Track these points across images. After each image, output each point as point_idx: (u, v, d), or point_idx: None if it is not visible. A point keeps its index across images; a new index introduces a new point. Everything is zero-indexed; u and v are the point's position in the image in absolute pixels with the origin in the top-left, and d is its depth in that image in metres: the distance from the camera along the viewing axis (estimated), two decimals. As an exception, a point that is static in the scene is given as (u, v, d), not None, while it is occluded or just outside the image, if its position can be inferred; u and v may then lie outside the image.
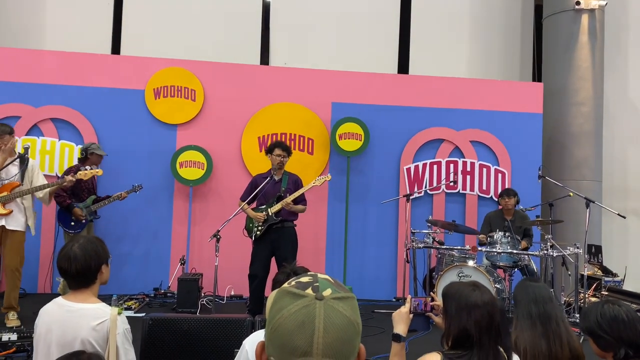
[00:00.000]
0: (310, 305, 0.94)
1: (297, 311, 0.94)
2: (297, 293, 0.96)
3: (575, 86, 7.60)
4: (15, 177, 4.81)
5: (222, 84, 6.89)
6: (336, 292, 0.97)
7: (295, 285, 0.99)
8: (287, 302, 0.96)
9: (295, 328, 0.92)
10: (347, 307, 0.96)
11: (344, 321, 0.94)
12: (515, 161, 7.22)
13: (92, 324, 2.22)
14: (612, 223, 7.87)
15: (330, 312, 0.94)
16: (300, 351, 0.91)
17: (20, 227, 4.83)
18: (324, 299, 0.95)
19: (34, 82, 6.53)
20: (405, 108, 7.12)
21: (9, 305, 4.82)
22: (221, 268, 5.41)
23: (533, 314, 2.54)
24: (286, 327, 0.93)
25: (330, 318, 0.93)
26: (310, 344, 0.91)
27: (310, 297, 0.95)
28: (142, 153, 6.67)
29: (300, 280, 1.01)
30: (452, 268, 5.39)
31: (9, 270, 4.83)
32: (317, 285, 0.97)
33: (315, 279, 1.00)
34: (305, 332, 0.92)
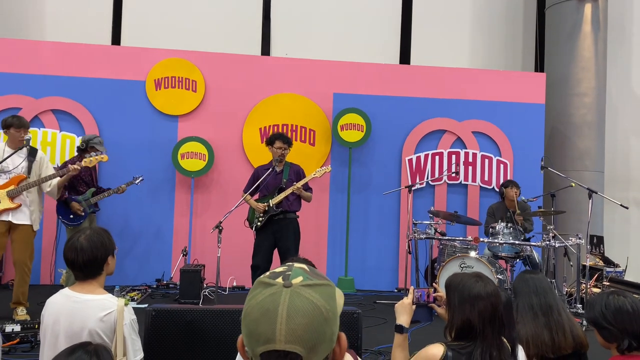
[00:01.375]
0: (276, 292, 0.93)
1: (263, 299, 0.93)
2: (268, 282, 0.96)
3: (577, 76, 7.56)
4: (22, 170, 4.73)
5: (223, 74, 6.86)
6: (308, 280, 0.96)
7: (269, 275, 0.98)
8: (258, 291, 0.95)
9: (260, 315, 0.92)
10: (315, 293, 0.94)
11: (308, 307, 0.92)
12: (518, 152, 7.20)
13: (100, 315, 2.24)
14: (614, 213, 7.86)
15: (295, 298, 0.92)
16: (264, 338, 0.91)
17: (28, 220, 4.72)
18: (292, 287, 0.93)
19: (35, 73, 6.51)
20: (407, 99, 7.10)
21: (18, 300, 4.74)
22: (223, 259, 5.41)
23: (534, 305, 2.55)
24: (253, 315, 0.93)
25: (295, 304, 0.91)
26: (273, 330, 0.90)
27: (279, 285, 0.94)
28: (143, 144, 6.66)
29: (275, 270, 1.00)
30: (454, 259, 5.39)
31: (18, 265, 4.72)
32: (288, 274, 0.96)
33: (289, 269, 0.99)
34: (268, 319, 0.91)
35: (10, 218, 4.66)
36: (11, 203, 4.65)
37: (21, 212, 4.70)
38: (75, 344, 1.64)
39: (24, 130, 4.72)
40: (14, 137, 4.70)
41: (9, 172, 4.69)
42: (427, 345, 1.97)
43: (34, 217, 4.77)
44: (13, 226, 4.69)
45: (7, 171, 4.69)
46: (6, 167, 4.67)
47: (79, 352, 1.57)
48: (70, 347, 1.61)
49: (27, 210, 4.73)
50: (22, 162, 4.73)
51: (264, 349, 0.91)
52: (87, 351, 1.59)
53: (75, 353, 1.57)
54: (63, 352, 1.59)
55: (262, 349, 0.91)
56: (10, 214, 4.66)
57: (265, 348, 0.91)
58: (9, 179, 4.68)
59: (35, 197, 4.81)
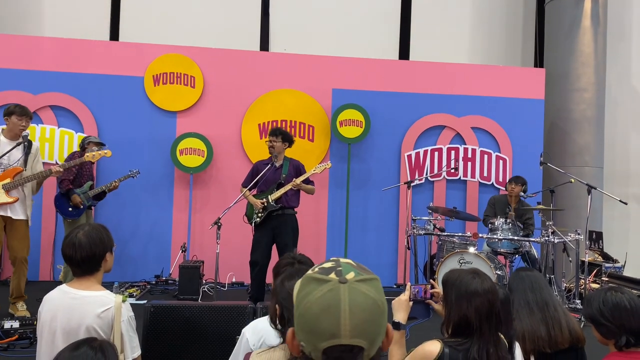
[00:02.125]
0: (334, 289, 0.96)
1: (322, 295, 0.96)
2: (321, 278, 0.99)
3: (577, 72, 7.55)
4: (19, 162, 4.58)
5: (222, 70, 6.85)
6: (359, 275, 0.99)
7: (318, 271, 1.02)
8: (312, 287, 0.98)
9: (321, 312, 0.95)
10: (371, 288, 0.98)
11: (368, 302, 0.96)
12: (517, 147, 7.20)
13: (97, 311, 2.23)
14: (613, 209, 7.86)
15: (355, 294, 0.96)
16: (328, 333, 0.94)
17: (24, 215, 4.61)
18: (348, 282, 0.97)
19: (33, 69, 6.49)
20: (406, 94, 7.08)
21: (19, 294, 4.66)
22: (222, 255, 5.41)
23: (530, 301, 2.56)
24: (313, 312, 0.95)
25: (355, 300, 0.95)
26: (338, 325, 0.93)
27: (334, 281, 0.97)
28: (142, 140, 6.65)
29: (323, 266, 1.03)
30: (453, 255, 5.39)
31: (17, 260, 4.61)
32: (339, 270, 1.00)
33: (337, 264, 1.03)
34: (331, 315, 0.94)
35: (9, 213, 4.52)
36: (7, 197, 4.49)
37: (18, 206, 4.56)
38: (80, 340, 1.64)
39: (25, 120, 4.59)
40: (14, 126, 4.56)
41: (5, 166, 4.53)
42: (424, 342, 1.96)
43: (29, 211, 4.65)
44: (9, 221, 4.55)
45: (4, 164, 4.53)
46: (4, 160, 4.52)
47: (84, 347, 1.57)
48: (75, 343, 1.61)
49: (22, 205, 4.59)
50: (20, 155, 4.58)
51: (329, 343, 0.94)
52: (93, 347, 1.59)
53: (80, 348, 1.57)
54: (68, 347, 1.58)
55: (327, 344, 0.94)
56: (8, 208, 4.51)
57: (330, 343, 0.94)
58: (3, 171, 4.52)
59: (30, 191, 4.68)
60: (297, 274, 1.87)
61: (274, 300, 1.87)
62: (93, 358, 1.54)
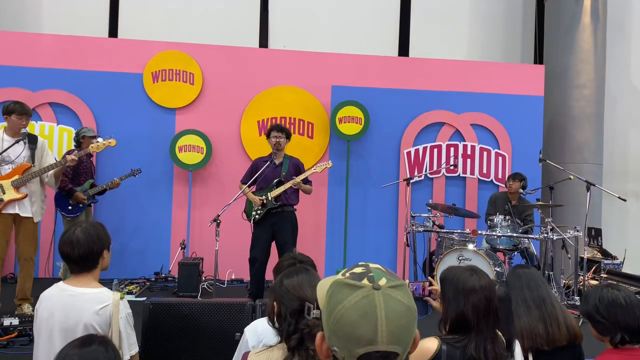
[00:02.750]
0: (369, 295, 0.98)
1: (357, 302, 0.97)
2: (354, 284, 1.00)
3: (577, 68, 7.54)
4: (25, 159, 4.55)
5: (221, 67, 6.84)
6: (391, 281, 1.01)
7: (350, 276, 1.03)
8: (346, 293, 0.99)
9: (358, 318, 0.96)
10: (403, 294, 1.00)
11: (403, 308, 0.98)
12: (516, 144, 7.20)
13: (95, 309, 2.24)
14: (612, 206, 7.86)
15: (389, 300, 0.98)
16: (365, 340, 0.95)
17: (30, 213, 4.56)
18: (381, 288, 0.98)
19: (32, 66, 6.49)
20: (405, 91, 7.08)
21: (24, 296, 4.62)
22: (221, 252, 5.42)
23: (527, 298, 2.56)
24: (349, 318, 0.97)
25: (390, 307, 0.97)
26: (375, 332, 0.95)
27: (368, 287, 0.99)
28: (141, 137, 6.64)
29: (353, 271, 1.04)
30: (452, 251, 5.40)
31: (23, 259, 4.58)
32: (371, 275, 1.01)
33: (368, 269, 1.04)
34: (368, 321, 0.95)
35: (17, 210, 4.49)
36: (17, 193, 4.47)
37: (26, 203, 4.53)
38: (84, 336, 1.64)
39: (25, 118, 4.57)
40: (14, 125, 4.54)
41: (12, 162, 4.51)
42: (422, 339, 1.97)
43: (34, 208, 4.60)
44: (19, 219, 4.53)
45: (9, 161, 4.51)
46: (7, 158, 4.50)
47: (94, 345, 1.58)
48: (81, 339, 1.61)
49: (30, 201, 4.56)
50: (23, 150, 4.56)
51: (365, 350, 0.96)
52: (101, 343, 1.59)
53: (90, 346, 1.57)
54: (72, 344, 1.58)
55: (363, 350, 0.96)
56: (16, 205, 4.49)
57: (366, 349, 0.96)
58: (11, 169, 4.50)
59: (37, 188, 4.63)
60: (297, 272, 1.88)
61: (272, 297, 1.87)
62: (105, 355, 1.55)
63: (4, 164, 4.52)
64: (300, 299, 1.76)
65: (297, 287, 1.82)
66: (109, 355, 1.56)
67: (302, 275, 1.87)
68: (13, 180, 4.48)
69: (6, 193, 4.45)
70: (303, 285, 1.82)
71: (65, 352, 1.56)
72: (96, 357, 1.54)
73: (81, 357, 1.53)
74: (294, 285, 1.82)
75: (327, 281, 1.07)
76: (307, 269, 1.93)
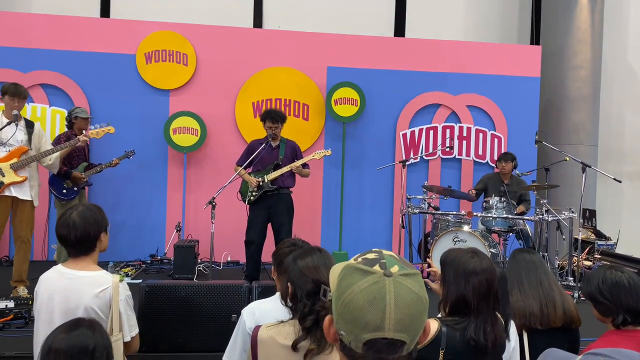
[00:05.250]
0: (380, 281, 0.96)
1: (367, 287, 0.96)
2: (366, 269, 0.99)
3: (573, 49, 7.49)
4: (23, 142, 4.53)
5: (215, 48, 6.74)
6: (403, 269, 0.99)
7: (362, 261, 1.02)
8: (357, 278, 0.98)
9: (366, 303, 0.95)
10: (415, 283, 0.99)
11: (413, 297, 0.97)
12: (512, 126, 7.18)
13: (95, 291, 2.25)
14: (606, 187, 7.89)
15: (400, 288, 0.96)
16: (372, 326, 0.94)
17: (29, 196, 4.56)
18: (393, 276, 0.97)
19: (22, 46, 6.37)
20: (401, 72, 7.02)
21: (20, 278, 4.61)
22: (217, 234, 5.40)
23: (523, 280, 2.57)
24: (357, 303, 0.95)
25: (400, 294, 0.95)
26: (383, 319, 0.94)
27: (379, 273, 0.97)
28: (135, 119, 6.57)
29: (366, 256, 1.03)
30: (447, 233, 5.41)
31: (20, 241, 4.59)
32: (384, 262, 1.00)
33: (381, 256, 1.02)
34: (376, 307, 0.94)
35: (14, 193, 4.49)
36: (17, 176, 4.47)
37: (24, 186, 4.54)
38: (72, 320, 1.63)
39: (18, 100, 4.51)
40: (7, 106, 4.51)
41: (9, 145, 4.48)
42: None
43: (33, 192, 4.61)
44: (16, 201, 4.53)
45: (6, 144, 4.47)
46: (5, 139, 4.47)
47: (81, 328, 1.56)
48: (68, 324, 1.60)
49: (28, 185, 4.56)
50: (16, 133, 4.51)
51: (372, 336, 0.94)
52: (89, 327, 1.58)
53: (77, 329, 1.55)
54: (60, 329, 1.57)
55: (369, 336, 0.94)
56: (13, 188, 4.48)
57: (372, 335, 0.94)
58: (8, 151, 4.48)
59: (35, 172, 4.65)
60: (310, 252, 1.88)
61: (285, 278, 1.87)
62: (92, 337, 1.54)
63: (2, 146, 4.48)
64: (315, 281, 1.76)
65: (312, 268, 1.82)
66: (96, 338, 1.55)
67: (316, 255, 1.88)
68: (12, 163, 4.47)
69: (6, 176, 4.45)
70: (318, 266, 1.82)
71: (53, 337, 1.56)
72: (83, 341, 1.52)
73: (68, 341, 1.52)
74: (309, 267, 1.83)
75: (339, 265, 1.06)
76: (320, 249, 1.94)
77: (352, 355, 0.98)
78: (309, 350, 1.71)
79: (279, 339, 1.77)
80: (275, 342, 1.77)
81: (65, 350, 1.49)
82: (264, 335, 1.79)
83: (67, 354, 1.49)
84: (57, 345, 1.51)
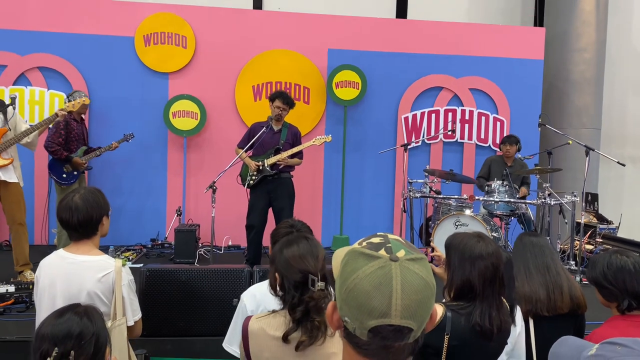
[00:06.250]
0: (385, 266, 0.92)
1: (372, 272, 0.92)
2: (371, 254, 0.95)
3: (578, 31, 7.39)
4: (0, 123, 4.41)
5: (214, 30, 6.65)
6: (409, 254, 0.95)
7: (367, 246, 0.97)
8: (362, 263, 0.94)
9: (372, 289, 0.91)
10: (422, 268, 0.94)
11: (420, 282, 0.93)
12: (515, 109, 7.11)
13: (98, 276, 2.23)
14: (608, 170, 7.86)
15: (407, 273, 0.92)
16: (378, 312, 0.90)
17: (16, 178, 4.49)
18: (399, 260, 0.93)
19: (19, 28, 6.28)
20: (403, 54, 6.93)
21: (25, 262, 4.57)
22: (218, 219, 5.38)
23: (530, 265, 2.54)
24: (363, 288, 0.92)
25: (407, 280, 0.92)
26: (389, 305, 0.90)
27: (385, 258, 0.93)
28: (134, 103, 6.51)
29: (371, 241, 0.99)
30: (448, 217, 5.39)
31: (15, 225, 4.52)
32: (389, 246, 0.96)
33: (386, 240, 0.98)
34: (382, 293, 0.90)
35: (2, 177, 4.40)
36: (3, 160, 4.38)
37: (9, 169, 4.44)
38: (64, 307, 1.60)
39: None
40: None
41: None
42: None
43: (17, 173, 4.52)
44: (3, 184, 4.44)
45: None
46: None
47: (68, 314, 1.54)
48: (59, 310, 1.58)
49: (12, 166, 4.47)
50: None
51: (377, 322, 0.91)
52: (77, 312, 1.55)
53: (64, 315, 1.53)
54: (51, 315, 1.55)
55: (375, 322, 0.91)
56: (0, 172, 4.40)
57: (378, 322, 0.91)
58: None
59: (16, 154, 4.54)
60: (296, 241, 1.83)
61: (272, 268, 1.83)
62: (79, 323, 1.51)
63: None
64: (302, 271, 1.72)
65: (298, 258, 1.76)
66: (84, 323, 1.52)
67: (302, 244, 1.82)
68: None
69: None
70: (304, 256, 1.77)
71: (43, 323, 1.54)
72: (69, 327, 1.50)
73: (54, 327, 1.50)
74: (295, 256, 1.77)
75: (343, 250, 1.03)
76: (307, 237, 1.87)
77: (356, 342, 0.95)
78: (300, 342, 1.68)
79: (269, 331, 1.73)
80: (266, 333, 1.74)
81: (51, 336, 1.47)
82: (255, 326, 1.76)
83: (51, 339, 1.47)
84: (43, 331, 1.49)
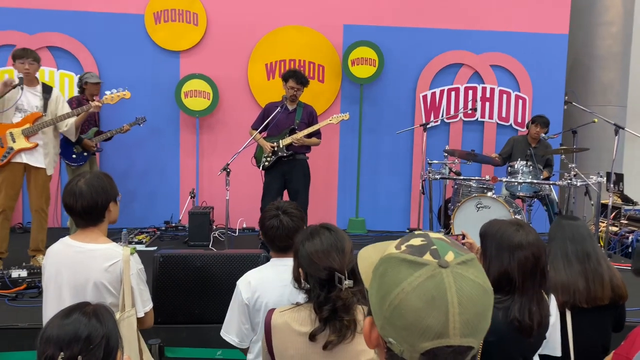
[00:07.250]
0: (436, 274, 0.76)
1: (421, 284, 0.76)
2: (415, 260, 0.78)
3: (604, 3, 7.07)
4: (38, 108, 4.42)
5: (226, 6, 6.46)
6: (459, 255, 0.79)
7: (407, 250, 0.80)
8: (405, 272, 0.78)
9: (424, 305, 0.75)
10: (476, 272, 0.78)
11: (478, 291, 0.77)
12: (537, 86, 6.84)
13: (104, 265, 2.14)
14: (634, 150, 7.60)
15: (462, 282, 0.76)
16: (433, 332, 0.75)
17: (43, 163, 4.46)
18: (450, 266, 0.77)
19: (28, 7, 6.15)
20: (422, 30, 6.68)
21: (37, 247, 4.56)
22: (232, 201, 5.26)
23: (569, 252, 2.37)
24: (412, 305, 0.76)
25: (463, 290, 0.75)
26: (446, 322, 0.74)
27: (433, 264, 0.77)
28: (145, 82, 6.37)
29: (411, 243, 0.82)
30: (469, 199, 5.21)
31: (34, 210, 4.52)
32: (435, 249, 0.79)
33: (430, 241, 0.81)
34: (437, 309, 0.74)
35: (25, 160, 4.39)
36: (27, 142, 4.36)
37: (37, 153, 4.43)
38: (71, 305, 1.49)
39: (28, 62, 4.34)
40: (19, 70, 4.36)
41: (24, 111, 4.38)
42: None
43: (47, 160, 4.50)
44: (29, 168, 4.44)
45: (21, 109, 4.37)
46: (20, 105, 4.36)
47: (75, 314, 1.42)
48: (66, 309, 1.46)
49: (42, 152, 4.46)
50: (35, 99, 4.42)
51: (433, 344, 0.75)
52: (85, 313, 1.43)
53: (71, 316, 1.41)
54: (59, 314, 1.44)
55: (430, 345, 0.75)
56: (24, 155, 4.38)
57: (434, 344, 0.75)
58: (23, 117, 4.38)
59: (51, 139, 4.52)
60: (318, 233, 1.70)
61: (296, 262, 1.71)
62: (87, 325, 1.38)
63: (17, 112, 4.38)
64: (327, 269, 1.59)
65: (322, 255, 1.63)
66: (92, 325, 1.39)
67: (325, 236, 1.68)
68: (24, 128, 4.36)
69: (16, 142, 4.35)
70: (328, 251, 1.63)
71: (48, 324, 1.42)
72: (75, 329, 1.38)
73: (60, 329, 1.38)
74: (318, 252, 1.64)
75: (373, 252, 0.86)
76: (329, 228, 1.74)
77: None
78: (328, 342, 1.56)
79: (294, 325, 1.63)
80: (291, 328, 1.63)
81: (56, 339, 1.35)
82: (278, 320, 1.65)
83: (57, 342, 1.35)
84: (48, 333, 1.38)
